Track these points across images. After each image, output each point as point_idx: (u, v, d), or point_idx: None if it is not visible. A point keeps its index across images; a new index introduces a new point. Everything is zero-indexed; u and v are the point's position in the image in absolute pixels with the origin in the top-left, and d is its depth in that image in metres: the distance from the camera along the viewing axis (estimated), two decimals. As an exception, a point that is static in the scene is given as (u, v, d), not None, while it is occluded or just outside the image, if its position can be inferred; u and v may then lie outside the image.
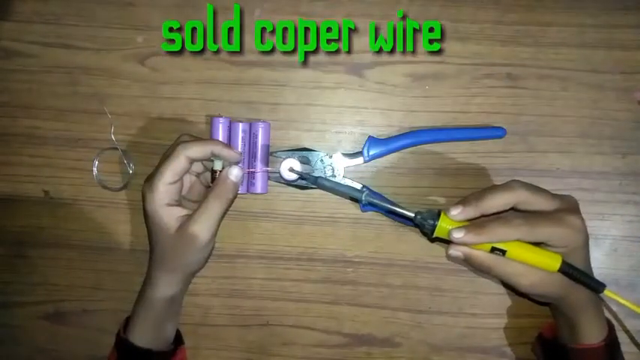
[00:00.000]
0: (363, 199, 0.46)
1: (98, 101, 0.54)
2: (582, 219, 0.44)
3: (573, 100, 0.52)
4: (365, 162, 0.52)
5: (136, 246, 0.55)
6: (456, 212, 0.44)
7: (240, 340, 0.55)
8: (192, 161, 0.47)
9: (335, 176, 0.52)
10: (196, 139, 0.49)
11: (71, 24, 0.54)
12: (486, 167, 0.53)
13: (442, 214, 0.44)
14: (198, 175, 0.51)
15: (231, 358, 0.55)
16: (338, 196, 0.53)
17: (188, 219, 0.46)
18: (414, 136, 0.52)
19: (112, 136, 0.53)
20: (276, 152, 0.52)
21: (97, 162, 0.54)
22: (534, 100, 0.52)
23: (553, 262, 0.43)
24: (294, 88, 0.53)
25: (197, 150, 0.46)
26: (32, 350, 0.56)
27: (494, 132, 0.52)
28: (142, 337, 0.49)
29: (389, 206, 0.46)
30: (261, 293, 0.55)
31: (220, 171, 0.48)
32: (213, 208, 0.46)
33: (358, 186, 0.51)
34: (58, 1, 0.54)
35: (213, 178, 0.49)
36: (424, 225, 0.45)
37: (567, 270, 0.43)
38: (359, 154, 0.52)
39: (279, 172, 0.50)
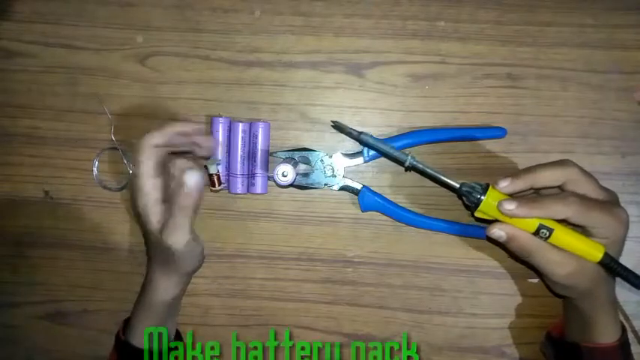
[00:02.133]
0: (408, 162, 0.45)
1: (98, 101, 0.54)
2: (627, 214, 0.43)
3: (573, 100, 0.52)
4: (365, 162, 0.52)
5: (135, 246, 0.55)
6: (505, 184, 0.43)
7: (240, 340, 0.55)
8: (161, 147, 0.46)
9: (335, 176, 0.52)
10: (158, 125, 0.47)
11: (71, 24, 0.54)
12: (486, 167, 0.53)
13: (490, 188, 0.43)
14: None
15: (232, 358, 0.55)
16: (338, 196, 0.53)
17: (163, 227, 0.45)
18: (414, 136, 0.52)
19: (112, 136, 0.53)
20: (275, 152, 0.52)
21: (97, 162, 0.54)
22: (534, 100, 0.52)
23: (596, 251, 0.42)
24: (294, 88, 0.53)
25: (158, 135, 0.46)
26: (32, 350, 0.56)
27: (494, 132, 0.52)
28: (140, 338, 0.48)
29: (433, 173, 0.45)
30: (261, 293, 0.55)
31: (216, 174, 0.49)
32: (179, 219, 0.45)
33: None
34: (58, 1, 0.54)
35: (212, 182, 0.50)
36: (470, 197, 0.43)
37: (608, 262, 0.42)
38: (359, 154, 0.52)
39: (273, 178, 0.49)
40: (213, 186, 0.51)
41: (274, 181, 0.49)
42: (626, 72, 0.52)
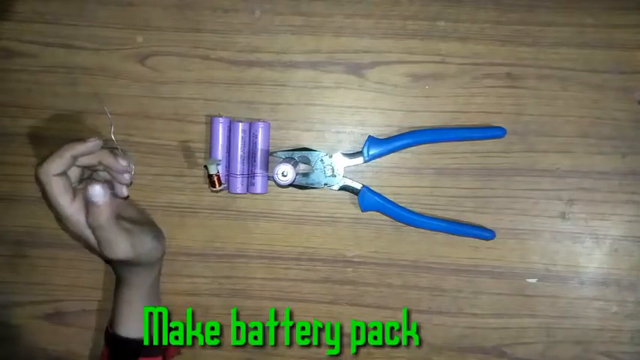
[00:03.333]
0: None
1: (98, 101, 0.54)
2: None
3: (573, 100, 0.52)
4: (365, 162, 0.52)
5: (135, 246, 0.55)
6: None
7: (240, 339, 0.55)
8: (65, 173, 0.45)
9: (335, 176, 0.52)
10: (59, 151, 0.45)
11: (71, 24, 0.54)
12: (486, 167, 0.53)
13: None
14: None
15: (231, 358, 0.55)
16: (338, 196, 0.53)
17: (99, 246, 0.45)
18: (414, 136, 0.52)
19: (112, 136, 0.53)
20: (275, 152, 0.52)
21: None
22: (534, 100, 0.52)
23: None
24: (294, 88, 0.53)
25: (54, 164, 0.43)
26: (32, 350, 0.56)
27: (494, 132, 0.52)
28: (126, 328, 0.49)
29: None
30: (261, 293, 0.55)
31: (216, 175, 0.49)
32: (105, 235, 0.44)
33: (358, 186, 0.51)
34: (58, 1, 0.54)
35: (211, 183, 0.50)
36: None
37: None
38: (359, 153, 0.52)
39: (273, 178, 0.49)
40: (214, 186, 0.51)
41: (274, 180, 0.49)
42: (626, 72, 0.52)
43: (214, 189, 0.51)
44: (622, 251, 0.53)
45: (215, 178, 0.50)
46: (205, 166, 0.50)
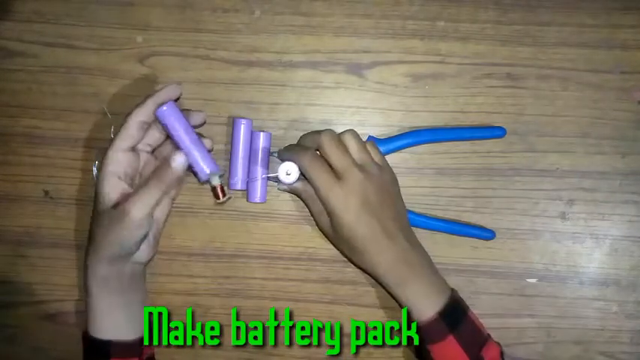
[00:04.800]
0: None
1: (98, 101, 0.54)
2: (354, 195, 0.46)
3: (573, 100, 0.52)
4: (365, 162, 0.52)
5: (135, 246, 0.55)
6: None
7: (240, 339, 0.55)
8: (142, 126, 0.46)
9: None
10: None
11: (71, 24, 0.54)
12: (486, 167, 0.53)
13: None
14: (153, 151, 0.50)
15: (231, 358, 0.55)
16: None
17: (125, 199, 0.46)
18: (415, 136, 0.52)
19: (112, 136, 0.53)
20: (275, 152, 0.52)
21: (97, 162, 0.54)
22: (534, 100, 0.52)
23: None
24: (294, 87, 0.53)
25: (142, 112, 0.46)
26: (32, 350, 0.56)
27: (494, 132, 0.52)
28: (98, 329, 0.48)
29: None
30: (261, 293, 0.55)
31: (220, 186, 0.48)
32: (150, 190, 0.46)
33: None
34: (58, 1, 0.54)
35: (215, 195, 0.48)
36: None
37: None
38: (359, 154, 0.52)
39: (277, 178, 0.49)
40: (218, 198, 0.48)
41: (278, 180, 0.49)
42: (626, 72, 0.52)
43: (219, 201, 0.49)
44: (622, 251, 0.53)
45: (219, 190, 0.48)
46: (208, 180, 0.48)
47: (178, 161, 0.46)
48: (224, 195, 0.48)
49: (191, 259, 0.54)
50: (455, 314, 0.47)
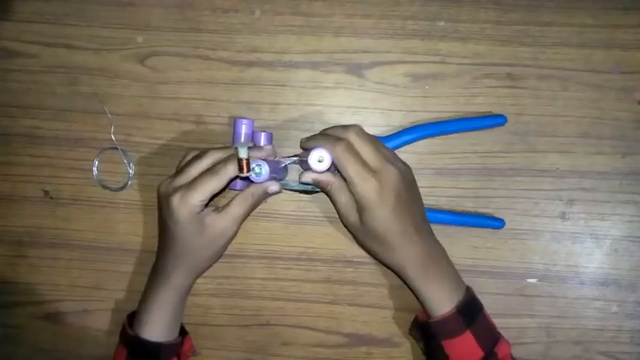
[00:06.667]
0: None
1: (98, 101, 0.54)
2: (391, 189, 0.46)
3: (573, 100, 0.52)
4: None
5: (136, 246, 0.55)
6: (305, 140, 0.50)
7: (240, 340, 0.55)
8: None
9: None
10: (228, 154, 0.48)
11: (71, 24, 0.54)
12: (486, 167, 0.53)
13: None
14: None
15: (231, 358, 0.55)
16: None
17: (216, 216, 0.47)
18: (416, 131, 0.52)
19: (112, 136, 0.53)
20: (278, 158, 0.52)
21: (97, 162, 0.54)
22: (534, 100, 0.52)
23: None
24: (294, 88, 0.53)
25: (234, 168, 0.46)
26: (32, 350, 0.56)
27: (494, 120, 0.52)
28: (152, 332, 0.49)
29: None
30: (261, 293, 0.55)
31: (246, 159, 0.45)
32: (237, 203, 0.48)
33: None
34: (58, 1, 0.54)
35: (240, 167, 0.45)
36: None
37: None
38: (359, 154, 0.52)
39: (305, 162, 0.47)
40: (242, 171, 0.46)
41: (309, 167, 0.46)
42: (627, 72, 0.52)
43: (242, 175, 0.46)
44: (622, 251, 0.53)
45: (244, 163, 0.45)
46: (236, 148, 0.45)
47: (272, 189, 0.48)
48: (248, 170, 0.45)
49: (191, 259, 0.54)
50: (472, 310, 0.47)
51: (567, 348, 0.53)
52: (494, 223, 0.52)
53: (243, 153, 0.45)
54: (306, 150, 0.48)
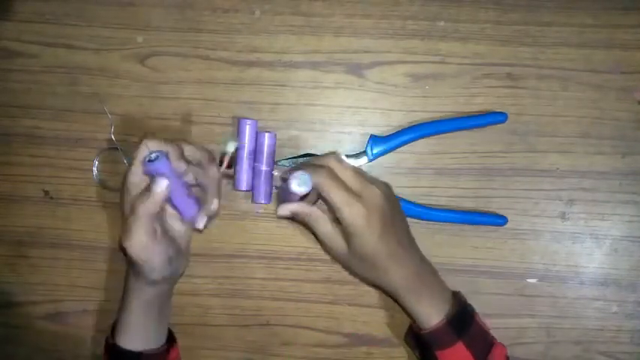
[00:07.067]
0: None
1: (98, 101, 0.54)
2: (375, 211, 0.45)
3: (573, 100, 0.52)
4: (369, 161, 0.52)
5: (136, 246, 0.55)
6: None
7: (240, 340, 0.55)
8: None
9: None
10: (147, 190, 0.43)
11: (71, 24, 0.54)
12: (486, 167, 0.53)
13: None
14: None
15: (231, 358, 0.55)
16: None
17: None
18: (416, 130, 0.52)
19: (112, 136, 0.53)
20: (279, 161, 0.52)
21: (97, 162, 0.54)
22: (534, 100, 0.52)
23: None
24: (294, 88, 0.53)
25: (153, 203, 0.43)
26: (32, 350, 0.56)
27: (495, 117, 0.52)
28: (131, 340, 0.48)
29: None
30: (261, 293, 0.55)
31: (228, 156, 0.44)
32: (132, 221, 0.43)
33: None
34: (58, 1, 0.54)
35: (220, 162, 0.45)
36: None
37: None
38: (363, 154, 0.52)
39: (286, 190, 0.45)
40: (221, 165, 0.46)
41: (289, 191, 0.44)
42: (626, 72, 0.52)
43: (221, 169, 0.46)
44: (622, 251, 0.53)
45: (225, 158, 0.45)
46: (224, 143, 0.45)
47: (159, 186, 0.43)
48: (228, 167, 0.46)
49: (191, 260, 0.54)
50: (462, 319, 0.47)
51: (567, 348, 0.53)
52: (496, 220, 0.52)
53: (230, 147, 0.45)
54: (285, 180, 0.46)
